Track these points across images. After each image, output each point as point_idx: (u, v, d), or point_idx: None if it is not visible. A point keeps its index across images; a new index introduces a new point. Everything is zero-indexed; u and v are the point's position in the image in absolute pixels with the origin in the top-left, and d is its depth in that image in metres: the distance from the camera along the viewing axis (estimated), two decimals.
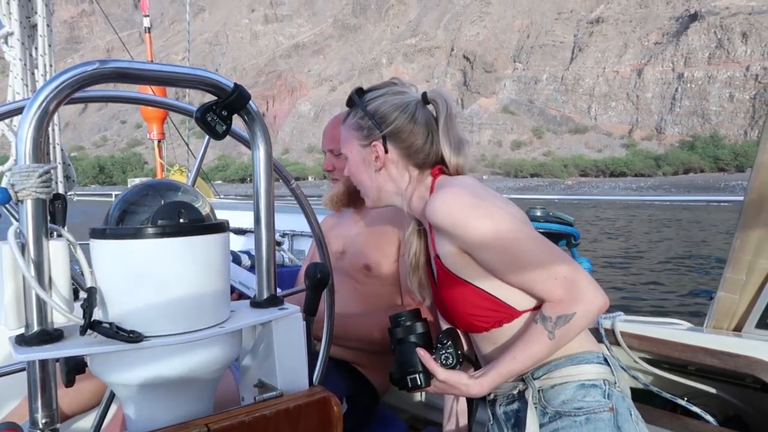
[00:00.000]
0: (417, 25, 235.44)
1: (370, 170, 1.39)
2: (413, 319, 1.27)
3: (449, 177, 1.36)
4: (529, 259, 1.20)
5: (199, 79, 0.74)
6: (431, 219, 1.24)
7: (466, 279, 1.25)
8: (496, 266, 1.21)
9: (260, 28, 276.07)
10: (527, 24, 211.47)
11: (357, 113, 1.39)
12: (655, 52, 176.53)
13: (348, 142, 1.41)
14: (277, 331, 0.80)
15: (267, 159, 0.82)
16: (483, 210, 1.21)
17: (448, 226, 1.22)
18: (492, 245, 1.20)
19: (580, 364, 1.25)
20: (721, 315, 1.77)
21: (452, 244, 1.25)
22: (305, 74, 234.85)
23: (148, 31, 6.05)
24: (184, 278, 0.69)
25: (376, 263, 1.75)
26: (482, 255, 1.22)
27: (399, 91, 1.39)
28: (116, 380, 0.71)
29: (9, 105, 0.84)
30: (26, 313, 0.64)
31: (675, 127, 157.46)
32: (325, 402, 0.76)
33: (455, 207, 1.20)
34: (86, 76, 0.64)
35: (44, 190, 0.61)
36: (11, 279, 0.63)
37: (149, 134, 5.68)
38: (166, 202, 0.72)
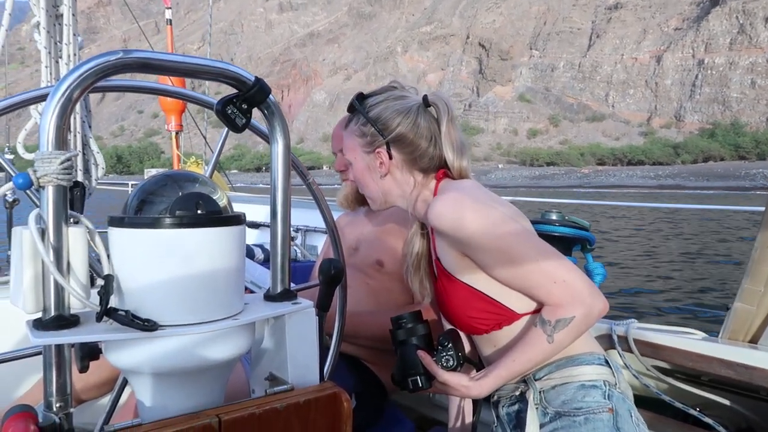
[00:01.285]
0: (432, 13, 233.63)
1: (374, 176, 1.39)
2: (415, 321, 1.29)
3: (452, 181, 1.37)
4: (529, 262, 1.20)
5: (221, 71, 0.75)
6: (432, 222, 1.26)
7: (465, 281, 1.27)
8: (495, 269, 1.23)
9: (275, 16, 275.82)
10: (544, 10, 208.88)
11: (359, 120, 1.39)
12: (675, 38, 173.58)
13: (351, 148, 1.42)
14: (289, 325, 0.81)
15: (285, 153, 0.82)
16: (482, 213, 1.22)
17: (448, 229, 1.23)
18: (491, 248, 1.21)
19: (581, 365, 1.26)
20: (738, 326, 1.75)
21: (452, 247, 1.27)
22: (320, 63, 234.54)
23: (170, 23, 6.05)
24: (200, 269, 0.70)
25: (388, 259, 1.77)
26: (481, 258, 1.23)
27: (400, 96, 1.39)
28: (130, 368, 0.71)
29: (33, 92, 0.85)
30: (44, 297, 0.64)
31: (695, 114, 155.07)
32: (335, 398, 0.76)
33: (455, 210, 1.22)
34: (109, 66, 0.65)
35: (65, 176, 0.62)
36: (30, 264, 0.63)
37: (167, 125, 5.69)
38: (184, 192, 0.72)
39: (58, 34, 1.66)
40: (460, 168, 1.37)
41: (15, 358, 0.80)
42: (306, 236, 3.64)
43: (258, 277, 1.50)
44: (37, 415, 0.65)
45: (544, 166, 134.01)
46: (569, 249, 1.69)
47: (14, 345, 0.76)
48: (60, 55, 1.65)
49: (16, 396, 1.54)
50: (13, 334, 0.72)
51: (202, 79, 0.77)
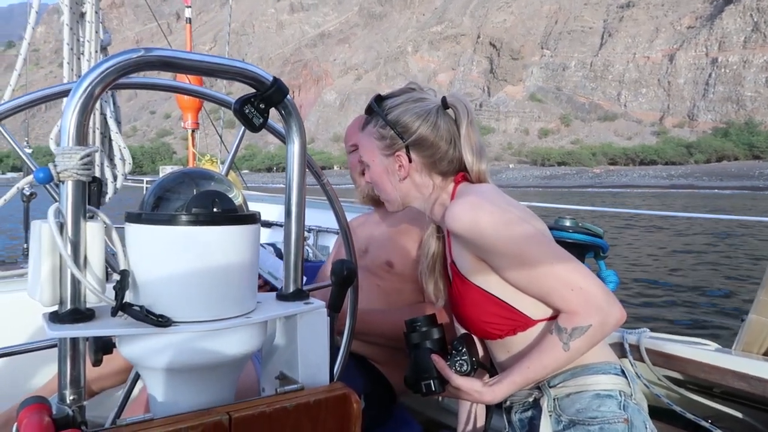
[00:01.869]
0: (443, 13, 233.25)
1: (393, 179, 1.38)
2: (429, 325, 1.28)
3: (470, 184, 1.36)
4: (545, 267, 1.19)
5: (240, 70, 0.75)
6: (449, 226, 1.25)
7: (480, 286, 1.26)
8: (512, 275, 1.22)
9: (286, 17, 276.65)
10: (555, 9, 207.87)
11: (377, 122, 1.37)
12: (688, 36, 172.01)
13: (369, 151, 1.40)
14: (301, 325, 0.81)
15: (301, 153, 0.82)
16: (500, 217, 1.21)
17: (465, 233, 1.22)
18: (507, 252, 1.20)
19: (597, 374, 1.25)
20: (752, 338, 1.73)
21: (468, 251, 1.26)
22: (331, 63, 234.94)
23: (189, 21, 6.12)
24: (214, 267, 0.70)
25: (398, 260, 1.77)
26: (497, 262, 1.22)
27: (419, 98, 1.37)
28: (142, 363, 0.72)
29: (56, 87, 0.86)
30: (61, 291, 0.65)
31: (708, 113, 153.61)
32: (345, 398, 0.76)
33: (472, 214, 1.21)
34: (131, 63, 0.65)
35: (85, 172, 0.63)
36: (48, 257, 0.64)
37: (183, 123, 5.75)
38: (200, 190, 0.73)
39: (81, 32, 1.67)
40: (479, 171, 1.36)
41: (31, 350, 0.82)
42: (318, 236, 3.65)
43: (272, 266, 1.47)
44: (51, 406, 0.66)
45: (555, 166, 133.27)
46: (582, 256, 1.68)
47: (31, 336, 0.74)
48: (82, 51, 1.66)
49: (32, 386, 1.55)
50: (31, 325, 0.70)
51: (221, 78, 0.77)
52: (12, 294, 1.79)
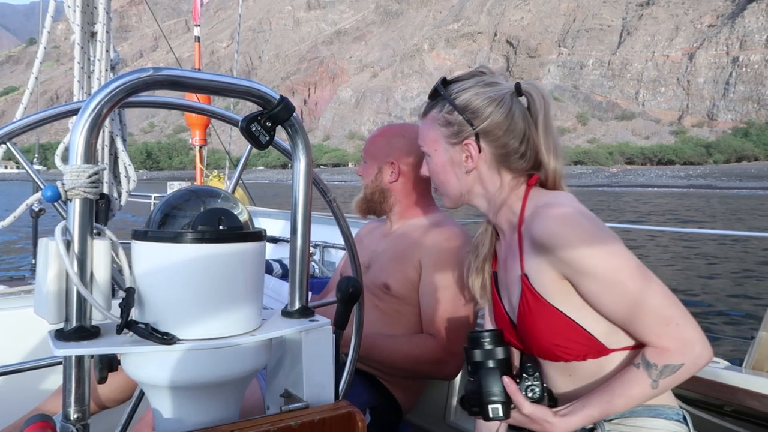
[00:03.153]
0: (460, 10, 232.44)
1: (458, 171, 1.27)
2: (495, 342, 1.18)
3: (547, 191, 1.25)
4: (644, 299, 1.10)
5: (247, 89, 0.76)
6: (539, 237, 1.13)
7: (556, 306, 1.16)
8: (602, 301, 1.12)
9: (303, 14, 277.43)
10: (573, 7, 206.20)
11: (444, 107, 1.25)
12: (709, 35, 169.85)
13: (432, 140, 1.28)
14: (306, 343, 0.81)
15: (307, 171, 0.83)
16: (599, 238, 1.12)
17: (560, 250, 1.11)
18: (604, 278, 1.10)
19: (658, 418, 1.17)
20: (762, 356, 1.69)
21: (553, 268, 1.15)
22: (347, 60, 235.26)
23: (198, 40, 6.21)
24: (220, 284, 0.70)
25: (394, 283, 1.73)
26: (588, 286, 1.12)
27: (491, 82, 1.25)
28: (147, 380, 0.72)
29: (66, 106, 0.88)
30: (67, 308, 0.65)
31: (728, 113, 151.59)
32: (349, 417, 0.76)
33: (570, 231, 1.11)
34: (139, 83, 0.66)
35: (92, 190, 0.63)
36: (55, 275, 0.64)
37: (191, 140, 5.85)
38: (207, 208, 0.73)
39: (92, 51, 1.70)
40: (555, 173, 1.24)
41: (36, 367, 0.82)
42: (324, 252, 3.67)
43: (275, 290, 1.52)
44: (56, 425, 0.66)
45: (571, 165, 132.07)
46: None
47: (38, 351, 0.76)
48: (92, 70, 1.70)
49: (35, 402, 1.56)
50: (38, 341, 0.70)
51: (228, 96, 0.79)
52: (19, 310, 1.80)
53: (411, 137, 1.79)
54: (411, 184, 1.82)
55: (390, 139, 1.85)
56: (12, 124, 0.85)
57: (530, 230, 1.17)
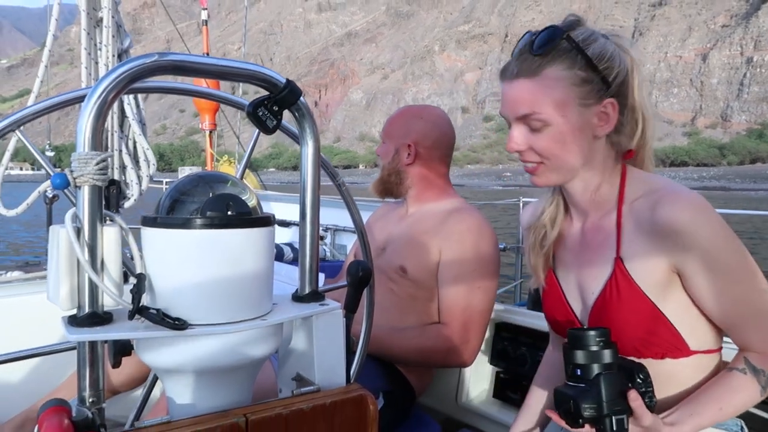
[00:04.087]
0: (470, 11, 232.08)
1: (586, 138, 1.08)
2: (605, 344, 1.03)
3: (649, 173, 1.16)
4: (758, 302, 1.04)
5: (252, 73, 0.76)
6: (666, 223, 1.02)
7: (647, 293, 1.07)
8: (712, 296, 1.04)
9: (314, 16, 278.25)
10: (585, 8, 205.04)
11: (576, 61, 1.04)
12: (722, 35, 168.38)
13: (560, 102, 1.05)
14: (317, 327, 0.82)
15: (315, 155, 0.83)
16: (733, 237, 1.03)
17: (690, 239, 1.01)
18: (724, 272, 1.02)
19: (719, 429, 1.12)
20: None
21: (667, 258, 1.05)
22: (357, 62, 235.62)
23: (206, 24, 6.23)
24: (229, 269, 0.71)
25: (411, 266, 1.73)
26: (702, 279, 1.03)
27: (611, 33, 1.09)
28: (160, 365, 0.73)
29: (72, 93, 0.88)
30: (79, 295, 0.66)
31: (742, 114, 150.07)
32: (361, 400, 0.77)
33: (702, 217, 1.01)
34: (144, 68, 0.67)
35: (101, 177, 0.64)
36: (66, 262, 0.65)
37: (201, 124, 5.86)
38: (215, 193, 0.74)
39: (98, 37, 1.70)
40: (647, 151, 1.15)
41: (51, 352, 0.84)
42: (336, 236, 3.68)
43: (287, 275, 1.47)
44: (71, 409, 0.68)
45: None
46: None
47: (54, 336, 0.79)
48: (99, 56, 1.69)
49: (50, 387, 1.58)
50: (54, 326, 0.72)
51: (234, 81, 0.79)
52: (35, 296, 1.83)
53: (429, 119, 1.81)
54: (427, 167, 1.81)
55: (408, 121, 1.84)
56: (21, 111, 0.87)
57: (646, 214, 1.06)
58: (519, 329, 1.92)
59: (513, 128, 1.10)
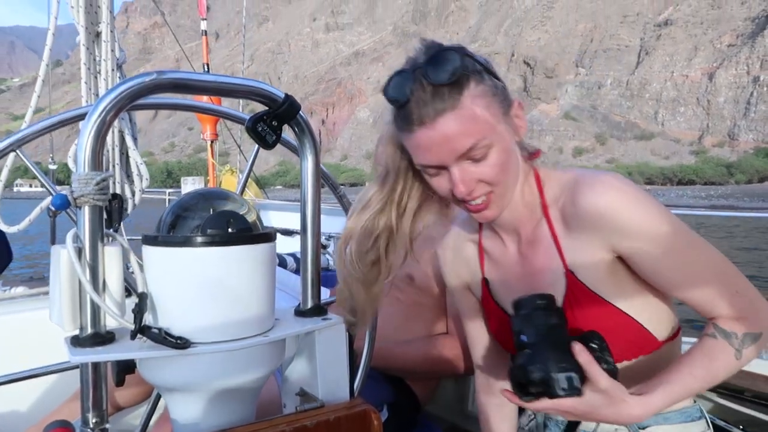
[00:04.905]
0: (477, 31, 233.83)
1: (516, 147, 1.04)
2: (546, 307, 0.96)
3: (558, 170, 1.12)
4: (711, 266, 1.00)
5: (251, 89, 0.76)
6: (591, 210, 0.98)
7: (606, 298, 1.04)
8: (667, 274, 1.00)
9: (321, 36, 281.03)
10: (591, 28, 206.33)
11: (480, 74, 0.99)
12: (729, 54, 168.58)
13: (490, 121, 0.97)
14: (320, 341, 0.81)
15: (315, 169, 0.83)
16: (656, 206, 0.99)
17: (618, 218, 0.97)
18: (669, 245, 0.98)
19: (687, 422, 1.11)
20: None
21: (604, 246, 1.01)
22: (364, 81, 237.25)
23: (205, 33, 6.30)
24: (231, 287, 0.71)
25: (419, 273, 1.73)
26: (651, 255, 0.99)
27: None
28: (163, 384, 0.73)
29: (73, 111, 0.89)
30: (81, 316, 0.66)
31: (749, 133, 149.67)
32: (365, 415, 0.77)
33: (630, 198, 0.97)
34: (144, 87, 0.67)
35: (101, 197, 0.64)
36: (68, 283, 0.65)
37: (203, 134, 5.92)
38: (215, 211, 0.74)
39: (97, 51, 1.71)
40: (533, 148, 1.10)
41: (54, 372, 0.83)
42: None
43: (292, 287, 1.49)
44: (75, 430, 0.68)
45: None
46: None
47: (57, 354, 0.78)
48: (99, 70, 1.70)
49: (53, 404, 1.57)
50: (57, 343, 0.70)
51: (233, 97, 0.79)
52: (38, 312, 1.80)
53: None
54: None
55: None
56: (20, 131, 0.86)
57: (570, 209, 1.03)
58: None
59: (454, 171, 0.99)
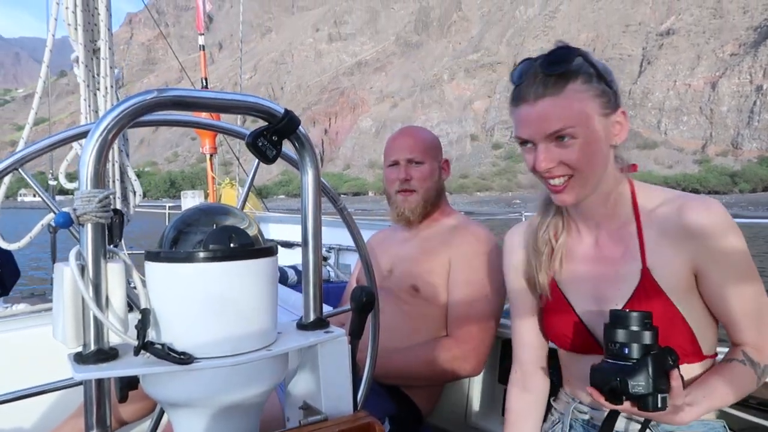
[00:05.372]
0: (479, 41, 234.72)
1: (606, 147, 1.15)
2: (649, 326, 1.05)
3: (654, 186, 1.24)
4: (758, 300, 1.13)
5: (251, 105, 0.77)
6: (694, 226, 1.10)
7: (676, 304, 1.13)
8: (727, 296, 1.12)
9: (324, 46, 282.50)
10: (593, 37, 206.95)
11: (592, 76, 1.12)
12: (731, 63, 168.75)
13: (585, 114, 1.11)
14: (322, 354, 0.81)
15: (315, 183, 0.84)
16: (743, 240, 1.12)
17: (713, 239, 1.09)
18: (741, 276, 1.11)
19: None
20: None
21: (688, 259, 1.12)
22: (367, 91, 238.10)
23: (203, 49, 6.35)
24: (233, 302, 0.71)
25: (423, 284, 1.73)
26: (721, 280, 1.11)
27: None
28: (166, 399, 0.73)
29: (76, 129, 0.91)
30: (84, 332, 0.66)
31: (753, 141, 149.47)
32: (369, 428, 0.76)
33: (730, 224, 1.10)
34: (145, 105, 0.67)
35: (104, 214, 0.65)
36: (71, 300, 0.65)
37: (202, 148, 5.92)
38: (217, 226, 0.74)
39: (96, 68, 1.71)
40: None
41: (57, 389, 0.84)
42: (339, 255, 3.67)
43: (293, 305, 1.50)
44: None
45: None
46: None
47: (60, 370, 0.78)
48: (98, 87, 1.71)
49: (57, 420, 1.57)
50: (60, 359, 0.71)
51: (233, 113, 0.80)
52: (40, 328, 1.80)
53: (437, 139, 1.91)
54: (443, 184, 1.85)
55: (434, 139, 1.87)
56: (22, 150, 0.87)
57: (673, 219, 1.13)
58: None
59: (540, 147, 1.13)
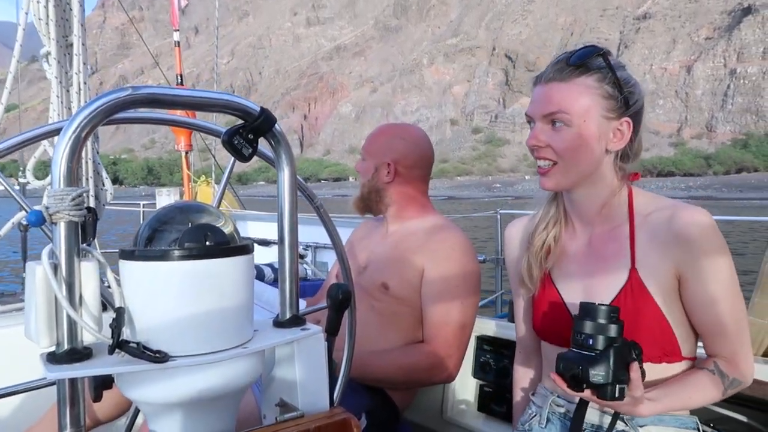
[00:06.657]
0: (458, 25, 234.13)
1: (599, 148, 1.19)
2: (615, 320, 1.10)
3: (653, 194, 1.28)
4: (736, 315, 1.16)
5: (227, 103, 0.76)
6: (684, 232, 1.14)
7: (660, 305, 1.17)
8: (706, 305, 1.15)
9: (302, 31, 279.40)
10: (571, 21, 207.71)
11: (605, 77, 1.17)
12: (706, 47, 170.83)
13: (584, 108, 1.16)
14: (298, 352, 0.81)
15: (291, 181, 0.84)
16: (728, 253, 1.15)
17: (699, 247, 1.13)
18: (722, 286, 1.14)
19: (685, 428, 1.21)
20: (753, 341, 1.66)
21: (674, 265, 1.16)
22: (346, 76, 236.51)
23: (178, 45, 6.27)
24: (209, 300, 0.71)
25: (394, 282, 1.73)
26: (707, 292, 1.14)
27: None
28: (141, 398, 0.72)
29: (47, 126, 0.89)
30: (57, 332, 0.65)
31: (727, 124, 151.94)
32: (345, 424, 0.77)
33: (717, 235, 1.14)
34: (119, 103, 0.66)
35: (77, 213, 0.64)
36: (44, 299, 0.64)
37: (177, 146, 5.86)
38: (192, 224, 0.74)
39: (68, 64, 1.68)
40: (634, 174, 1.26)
41: (28, 389, 0.83)
42: (316, 253, 3.70)
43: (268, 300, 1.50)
44: None
45: None
46: None
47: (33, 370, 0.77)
48: (71, 83, 1.67)
49: (29, 421, 1.55)
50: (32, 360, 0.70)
51: (209, 111, 0.79)
52: (11, 329, 1.77)
53: (410, 140, 1.85)
54: (407, 185, 1.83)
55: (389, 140, 1.86)
56: None
57: (664, 225, 1.17)
58: (500, 342, 1.94)
59: (536, 126, 1.21)
